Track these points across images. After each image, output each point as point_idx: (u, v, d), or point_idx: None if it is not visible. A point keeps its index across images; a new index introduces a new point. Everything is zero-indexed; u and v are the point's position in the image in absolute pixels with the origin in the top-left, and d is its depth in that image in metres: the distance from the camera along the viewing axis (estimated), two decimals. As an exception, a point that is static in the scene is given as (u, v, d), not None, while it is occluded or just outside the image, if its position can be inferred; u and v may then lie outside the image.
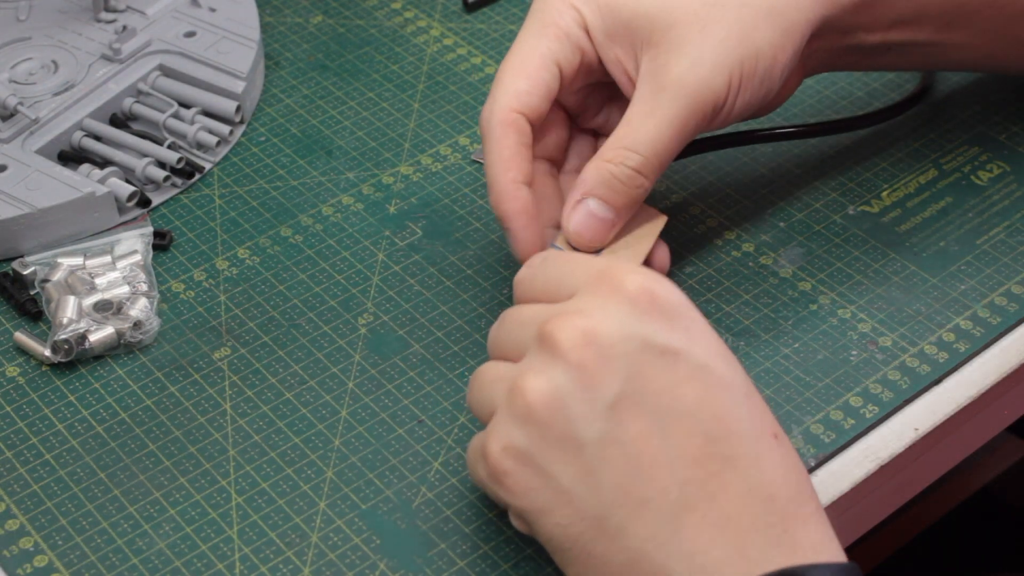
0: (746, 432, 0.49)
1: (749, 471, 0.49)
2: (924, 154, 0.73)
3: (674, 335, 0.50)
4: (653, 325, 0.50)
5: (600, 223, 0.59)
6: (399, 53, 0.80)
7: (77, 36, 0.76)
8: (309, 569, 0.56)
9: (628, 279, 0.51)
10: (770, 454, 0.49)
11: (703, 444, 0.49)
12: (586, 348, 0.49)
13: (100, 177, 0.69)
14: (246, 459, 0.59)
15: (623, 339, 0.49)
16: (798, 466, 0.50)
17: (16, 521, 0.57)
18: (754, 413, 0.50)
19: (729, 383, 0.50)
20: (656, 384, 0.49)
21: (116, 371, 0.63)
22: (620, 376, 0.49)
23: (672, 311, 0.50)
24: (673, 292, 0.51)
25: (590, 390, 0.49)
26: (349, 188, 0.72)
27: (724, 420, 0.49)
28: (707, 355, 0.50)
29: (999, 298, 0.65)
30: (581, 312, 0.50)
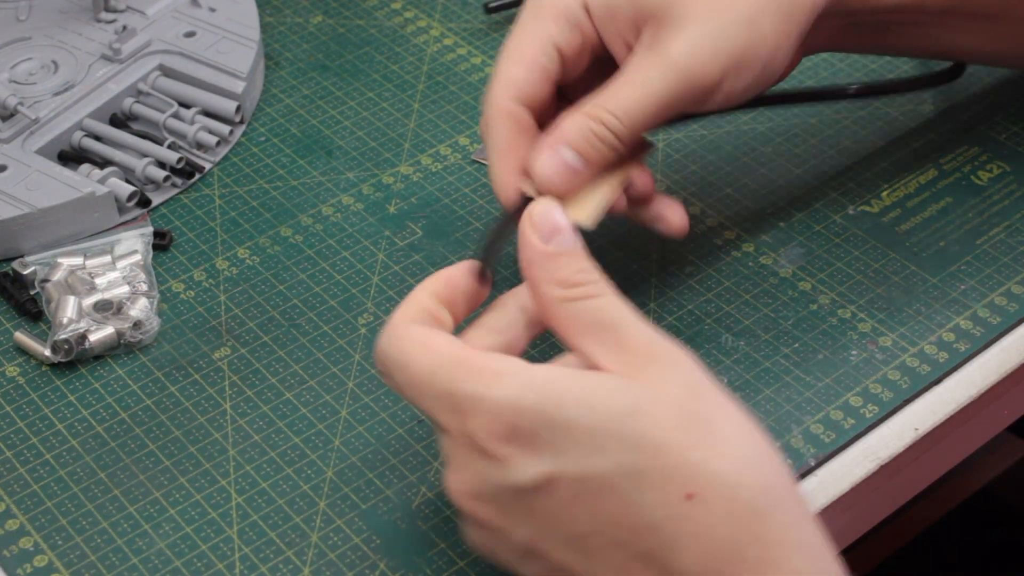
0: (648, 519, 0.46)
1: (671, 557, 0.46)
2: (924, 154, 0.73)
3: (540, 461, 0.47)
4: (515, 466, 0.47)
5: (570, 173, 0.57)
6: (399, 53, 0.80)
7: (77, 36, 0.76)
8: (309, 569, 0.56)
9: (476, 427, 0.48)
10: (685, 526, 0.46)
11: (618, 550, 0.47)
12: (481, 507, 0.49)
13: (100, 177, 0.69)
14: (246, 459, 0.59)
15: (501, 492, 0.48)
16: (727, 516, 0.46)
17: (16, 521, 0.57)
18: (654, 489, 0.46)
19: (610, 478, 0.46)
20: (550, 518, 0.47)
21: (116, 371, 0.63)
22: (519, 523, 0.48)
23: (528, 434, 0.47)
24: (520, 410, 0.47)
25: (502, 542, 0.50)
26: (349, 188, 0.72)
27: (623, 520, 0.46)
28: (579, 460, 0.47)
29: (999, 298, 0.65)
30: (458, 472, 0.50)
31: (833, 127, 0.74)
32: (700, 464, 0.46)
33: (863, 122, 0.75)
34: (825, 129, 0.74)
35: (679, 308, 0.65)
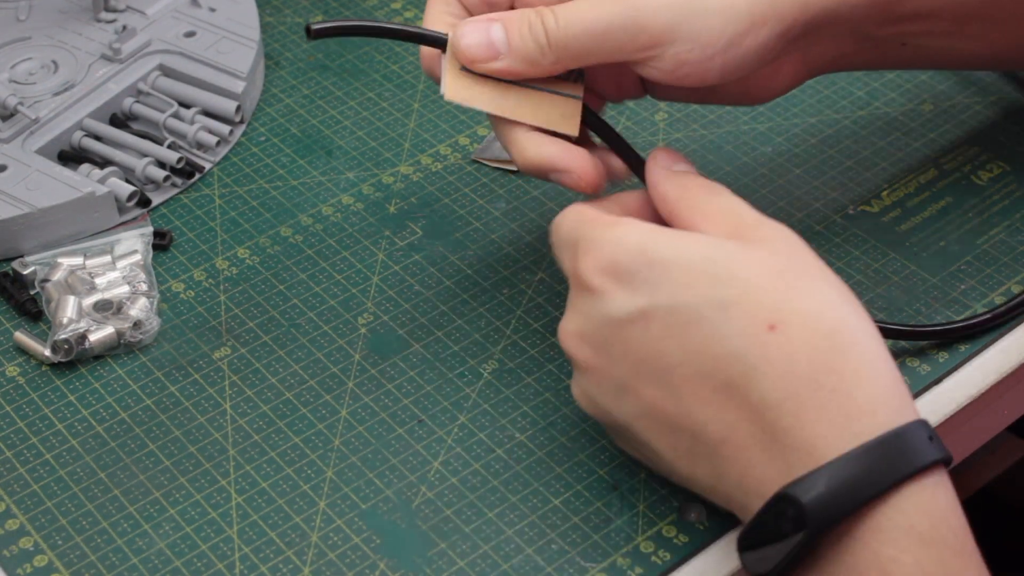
0: (732, 348, 0.50)
1: (750, 386, 0.49)
2: (924, 154, 0.73)
3: (636, 296, 0.51)
4: (614, 300, 0.52)
5: (489, 49, 0.58)
6: (399, 53, 0.80)
7: (77, 36, 0.76)
8: (309, 569, 0.56)
9: (582, 267, 0.53)
10: (766, 353, 0.49)
11: (702, 383, 0.50)
12: (582, 349, 0.54)
13: (100, 177, 0.69)
14: (246, 459, 0.59)
15: (598, 328, 0.53)
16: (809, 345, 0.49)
17: (16, 521, 0.57)
18: (738, 320, 0.50)
19: (698, 309, 0.50)
20: (643, 351, 0.51)
21: (116, 371, 0.63)
22: (616, 360, 0.52)
23: (628, 271, 0.52)
24: (622, 248, 0.52)
25: (602, 383, 0.53)
26: (349, 188, 0.72)
27: (709, 349, 0.50)
28: (671, 295, 0.51)
29: (999, 298, 0.65)
30: (568, 316, 0.55)
31: (833, 127, 0.74)
32: (784, 300, 0.50)
33: (863, 122, 0.75)
34: (825, 129, 0.74)
35: (679, 308, 0.65)
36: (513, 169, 0.73)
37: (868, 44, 0.64)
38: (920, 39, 0.64)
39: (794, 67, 0.63)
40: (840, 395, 0.49)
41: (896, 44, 0.64)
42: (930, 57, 0.66)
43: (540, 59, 0.58)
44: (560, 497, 0.58)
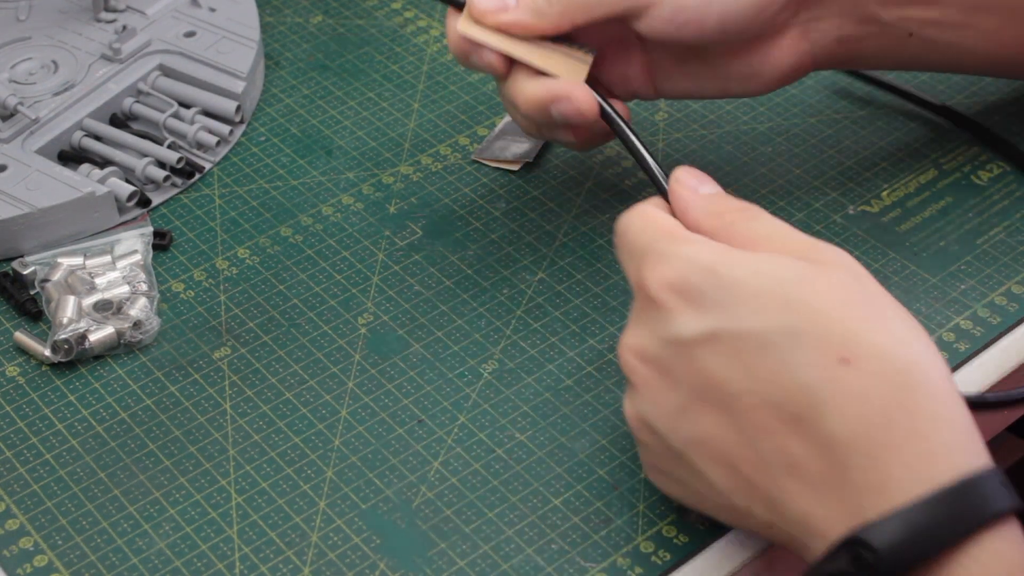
0: (804, 380, 0.47)
1: (821, 420, 0.47)
2: (924, 154, 0.73)
3: (705, 317, 0.49)
4: (682, 319, 0.50)
5: (498, 2, 0.61)
6: (399, 53, 0.80)
7: (77, 36, 0.76)
8: (309, 569, 0.56)
9: (650, 280, 0.51)
10: (839, 388, 0.47)
11: (770, 412, 0.48)
12: (642, 368, 0.52)
13: (100, 177, 0.69)
14: (246, 459, 0.59)
15: (663, 347, 0.51)
16: (882, 381, 0.47)
17: (16, 521, 0.57)
18: (811, 351, 0.47)
19: (770, 336, 0.48)
20: (707, 375, 0.49)
21: (116, 371, 0.63)
22: (678, 381, 0.50)
23: (698, 291, 0.50)
24: (692, 268, 0.50)
25: (660, 404, 0.51)
26: (349, 188, 0.72)
27: (777, 379, 0.48)
28: (742, 319, 0.49)
29: (999, 298, 0.65)
30: (628, 331, 0.53)
31: (833, 127, 0.74)
32: (857, 332, 0.47)
33: (863, 122, 0.75)
34: (825, 129, 0.74)
35: (679, 308, 0.65)
36: (513, 169, 0.73)
37: (873, 29, 0.63)
38: (927, 30, 0.63)
39: (797, 45, 0.62)
40: (916, 436, 0.46)
41: (903, 34, 0.63)
42: (938, 52, 0.66)
43: (547, 11, 0.60)
44: (560, 497, 0.58)
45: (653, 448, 0.53)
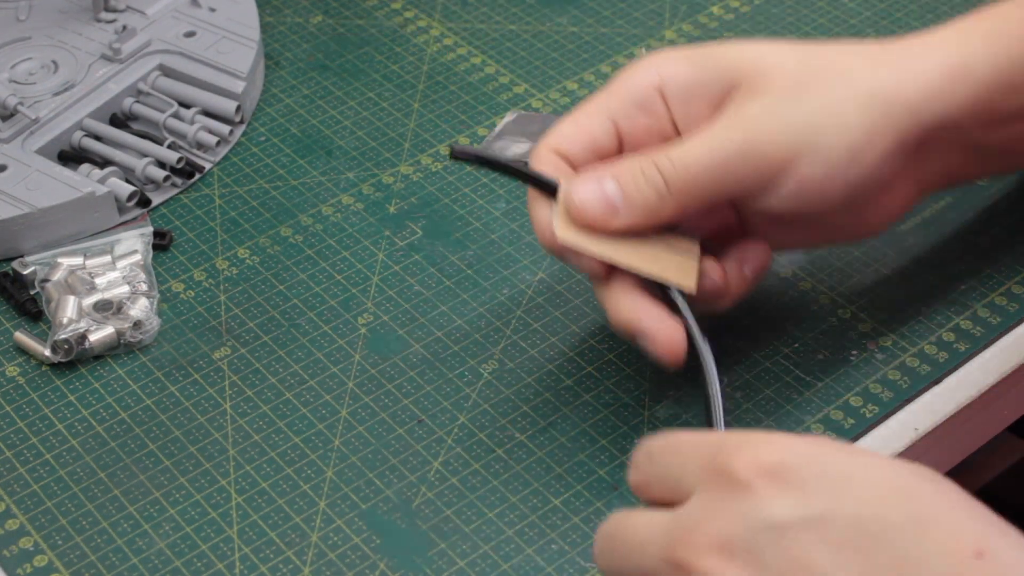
0: (938, 571, 0.41)
1: None
2: (924, 154, 0.73)
3: (810, 500, 0.43)
4: (781, 503, 0.43)
5: (606, 205, 0.55)
6: (399, 53, 0.80)
7: (77, 36, 0.76)
8: (309, 569, 0.56)
9: (736, 463, 0.44)
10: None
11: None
12: (720, 560, 0.43)
13: (100, 177, 0.69)
14: (246, 459, 0.59)
15: (759, 535, 0.43)
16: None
17: (16, 521, 0.57)
18: (940, 543, 0.42)
19: (894, 524, 0.42)
20: (815, 564, 0.42)
21: (116, 371, 0.63)
22: (766, 569, 0.43)
23: (797, 473, 0.43)
24: (791, 450, 0.44)
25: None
26: (349, 188, 0.72)
27: (902, 570, 0.41)
28: (858, 504, 0.43)
29: (999, 298, 0.65)
30: (701, 524, 0.44)
31: (833, 127, 0.74)
32: (988, 524, 0.43)
33: (863, 122, 0.75)
34: (825, 129, 0.74)
35: (679, 308, 0.65)
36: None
37: (978, 154, 0.61)
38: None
39: (907, 188, 0.60)
40: None
41: (1005, 151, 0.61)
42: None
43: (661, 208, 0.55)
44: (560, 497, 0.58)
45: None
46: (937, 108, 0.57)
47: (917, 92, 0.57)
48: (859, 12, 0.82)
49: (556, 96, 0.77)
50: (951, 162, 0.60)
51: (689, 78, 0.58)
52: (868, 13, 0.82)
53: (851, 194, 0.56)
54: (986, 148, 0.60)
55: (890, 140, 0.56)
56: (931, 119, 0.57)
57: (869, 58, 0.58)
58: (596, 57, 0.79)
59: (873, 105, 0.56)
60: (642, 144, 0.58)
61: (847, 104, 0.56)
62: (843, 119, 0.56)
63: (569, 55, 0.79)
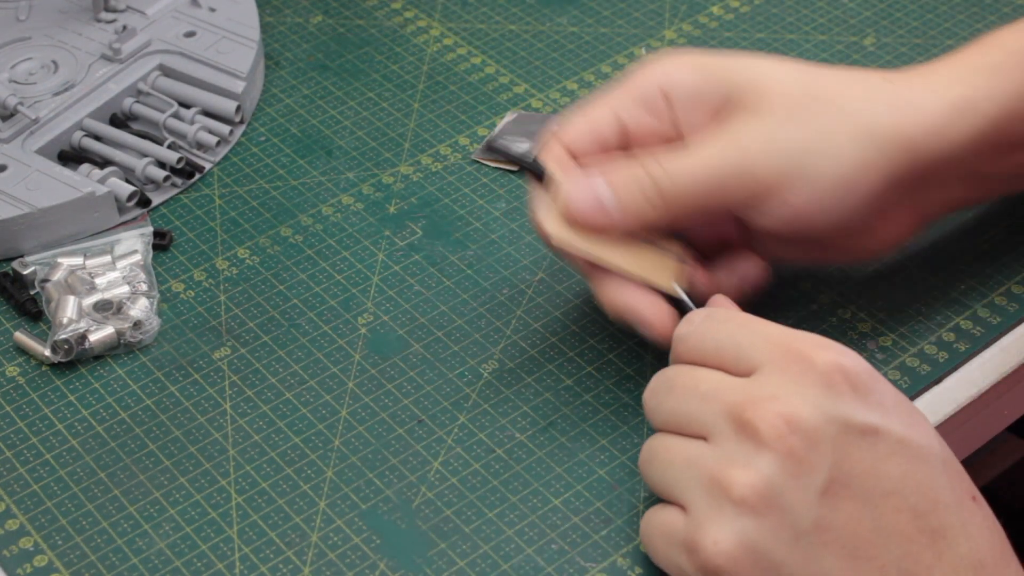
0: (949, 501, 0.50)
1: (958, 539, 0.49)
2: (924, 154, 0.73)
3: (871, 412, 0.50)
4: (850, 404, 0.50)
5: (598, 208, 0.57)
6: (399, 53, 0.80)
7: (77, 36, 0.76)
8: (309, 569, 0.56)
9: (818, 356, 0.50)
10: (973, 519, 0.50)
11: (912, 519, 0.49)
12: (791, 436, 0.49)
13: (100, 177, 0.69)
14: (246, 459, 0.59)
15: (825, 423, 0.49)
16: (997, 526, 0.51)
17: (16, 521, 0.57)
18: (953, 480, 0.50)
19: (927, 453, 0.50)
20: (861, 465, 0.49)
21: (116, 371, 0.63)
22: (827, 461, 0.49)
23: (865, 386, 0.50)
24: (862, 365, 0.51)
25: (799, 478, 0.49)
26: (349, 188, 0.72)
27: (928, 492, 0.49)
28: (904, 427, 0.50)
29: (999, 298, 0.65)
30: (777, 397, 0.49)
31: (833, 127, 0.74)
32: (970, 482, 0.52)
33: (863, 122, 0.75)
34: (825, 129, 0.74)
35: (679, 308, 0.65)
36: (513, 169, 0.73)
37: (982, 183, 0.62)
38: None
39: (906, 219, 0.61)
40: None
41: (1010, 178, 0.62)
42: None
43: (651, 215, 0.57)
44: (560, 497, 0.58)
45: (769, 524, 0.49)
46: (937, 144, 0.58)
47: (916, 128, 0.57)
48: (859, 12, 0.82)
49: (556, 96, 0.77)
50: (954, 192, 0.61)
51: (694, 85, 0.58)
52: (868, 13, 0.82)
53: (842, 222, 0.58)
54: (991, 176, 0.61)
55: (883, 175, 0.57)
56: (930, 155, 0.58)
57: (870, 90, 0.58)
58: (596, 57, 0.79)
59: (868, 139, 0.57)
60: (645, 143, 0.59)
61: (841, 135, 0.57)
62: (836, 150, 0.56)
63: (569, 55, 0.79)
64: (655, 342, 0.58)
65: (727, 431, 0.50)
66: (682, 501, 0.51)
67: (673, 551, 0.51)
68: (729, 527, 0.49)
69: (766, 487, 0.49)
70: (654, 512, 0.53)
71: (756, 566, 0.49)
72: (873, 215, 0.58)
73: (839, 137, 0.57)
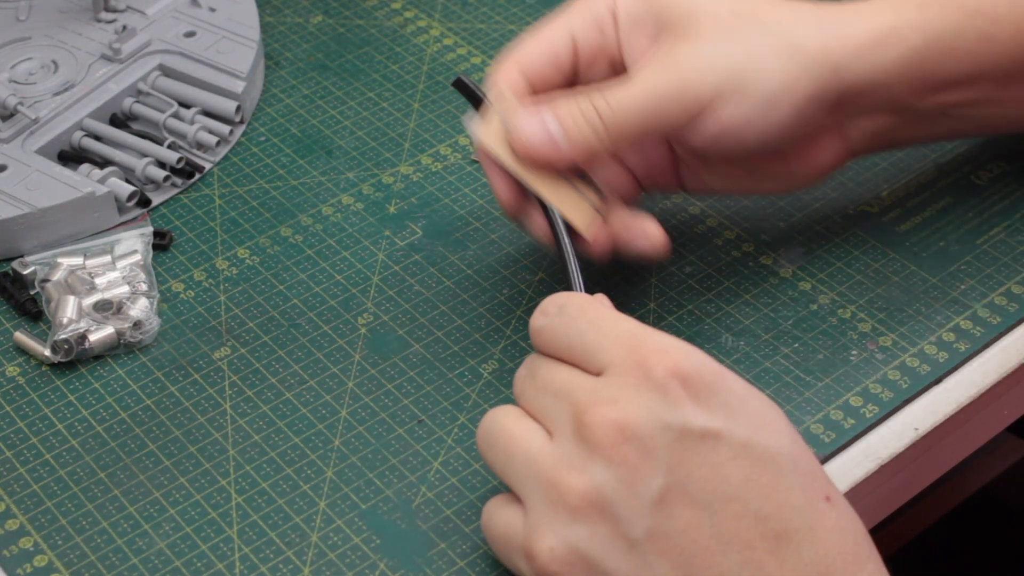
0: (796, 503, 0.48)
1: (803, 544, 0.48)
2: (924, 154, 0.73)
3: (712, 416, 0.49)
4: (688, 410, 0.48)
5: (548, 142, 0.58)
6: (399, 53, 0.80)
7: (77, 36, 0.76)
8: (309, 569, 0.56)
9: (657, 361, 0.49)
10: (823, 521, 0.48)
11: (754, 524, 0.48)
12: (624, 445, 0.48)
13: (100, 177, 0.69)
14: (246, 459, 0.59)
15: (660, 430, 0.48)
16: (854, 526, 0.49)
17: (16, 521, 0.57)
18: (803, 480, 0.49)
19: (774, 454, 0.49)
20: (699, 471, 0.48)
21: (116, 371, 0.63)
22: (662, 469, 0.48)
23: (707, 388, 0.49)
24: (706, 366, 0.49)
25: (632, 486, 0.48)
26: (349, 188, 0.72)
27: (772, 495, 0.48)
28: (748, 429, 0.49)
29: (999, 298, 0.65)
30: (616, 402, 0.49)
31: (833, 127, 0.74)
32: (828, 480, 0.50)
33: (863, 122, 0.75)
34: (825, 129, 0.74)
35: (679, 308, 0.65)
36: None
37: (909, 118, 0.63)
38: (963, 109, 0.63)
39: (834, 144, 0.63)
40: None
41: (937, 116, 0.63)
42: (977, 126, 0.66)
43: (598, 146, 0.58)
44: (560, 497, 0.58)
45: (602, 532, 0.49)
46: (861, 68, 0.59)
47: (842, 51, 0.59)
48: (859, 12, 0.82)
49: (556, 96, 0.77)
50: (881, 123, 0.63)
51: (635, 11, 0.61)
52: (868, 13, 0.82)
53: (769, 140, 0.60)
54: (918, 112, 0.63)
55: (809, 93, 0.59)
56: (855, 79, 0.60)
57: (799, 13, 0.60)
58: (596, 57, 0.79)
59: (793, 56, 0.59)
60: (595, 63, 0.61)
61: (769, 53, 0.59)
62: (763, 66, 0.58)
63: (569, 55, 0.79)
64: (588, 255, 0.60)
65: (568, 432, 0.50)
66: (521, 497, 0.51)
67: (514, 555, 0.51)
68: (564, 533, 0.49)
69: (598, 495, 0.48)
70: (496, 508, 0.52)
71: (589, 574, 0.49)
72: (799, 136, 0.60)
73: (767, 54, 0.58)
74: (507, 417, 0.52)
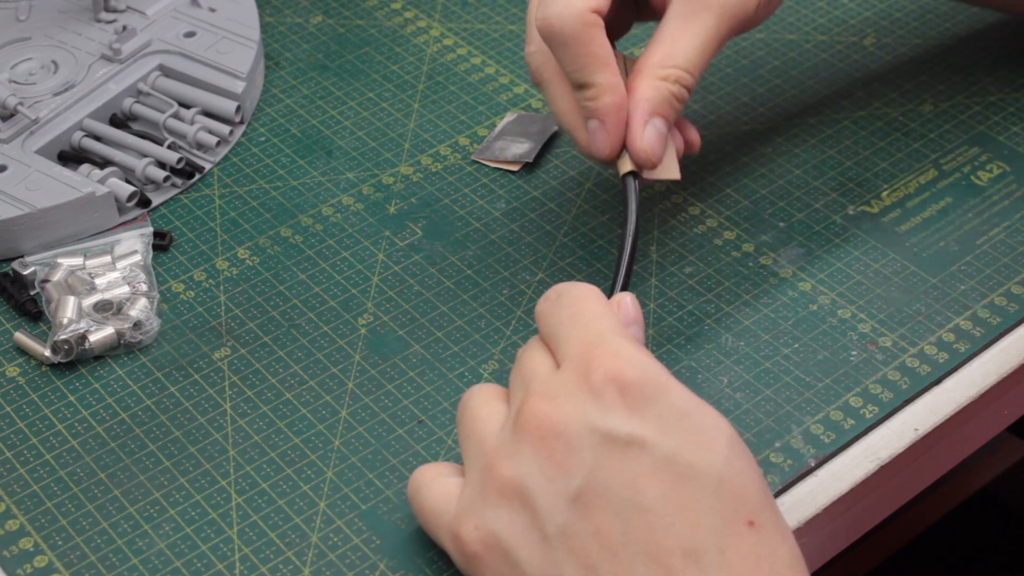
0: (711, 524, 0.47)
1: (710, 567, 0.47)
2: (924, 154, 0.73)
3: (641, 425, 0.48)
4: (618, 416, 0.49)
5: (661, 141, 0.61)
6: (399, 53, 0.80)
7: (77, 36, 0.76)
8: (309, 569, 0.56)
9: (600, 363, 0.50)
10: (738, 545, 0.47)
11: (664, 539, 0.47)
12: (553, 440, 0.49)
13: (100, 177, 0.69)
14: (246, 459, 0.59)
15: (588, 431, 0.49)
16: (775, 554, 0.48)
17: (16, 521, 0.57)
18: (726, 502, 0.48)
19: (699, 472, 0.48)
20: (619, 477, 0.48)
21: (116, 371, 0.63)
22: (583, 470, 0.48)
23: (644, 398, 0.49)
24: (648, 375, 0.49)
25: (554, 481, 0.49)
26: (349, 188, 0.72)
27: (687, 513, 0.47)
28: (678, 444, 0.48)
29: (999, 298, 0.65)
30: (556, 398, 0.50)
31: (833, 127, 0.74)
32: (765, 503, 0.49)
33: (863, 122, 0.75)
34: (825, 129, 0.74)
35: (679, 308, 0.65)
36: (513, 169, 0.73)
37: None
38: None
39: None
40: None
41: None
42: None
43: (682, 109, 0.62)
44: (560, 497, 0.58)
45: (521, 521, 0.50)
46: None
47: None
48: (859, 12, 0.82)
49: (556, 96, 0.77)
50: None
51: None
52: (868, 13, 0.82)
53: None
54: None
55: None
56: None
57: None
58: (596, 57, 0.79)
59: None
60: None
61: None
62: None
63: (569, 55, 0.79)
64: None
65: (511, 420, 0.51)
66: (467, 475, 0.52)
67: (440, 530, 0.52)
68: (488, 516, 0.50)
69: (521, 484, 0.49)
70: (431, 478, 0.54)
71: (504, 561, 0.50)
72: None
73: None
74: (477, 397, 0.54)
